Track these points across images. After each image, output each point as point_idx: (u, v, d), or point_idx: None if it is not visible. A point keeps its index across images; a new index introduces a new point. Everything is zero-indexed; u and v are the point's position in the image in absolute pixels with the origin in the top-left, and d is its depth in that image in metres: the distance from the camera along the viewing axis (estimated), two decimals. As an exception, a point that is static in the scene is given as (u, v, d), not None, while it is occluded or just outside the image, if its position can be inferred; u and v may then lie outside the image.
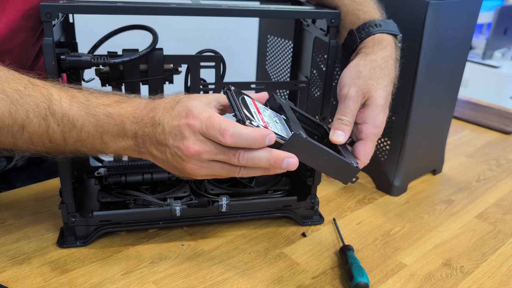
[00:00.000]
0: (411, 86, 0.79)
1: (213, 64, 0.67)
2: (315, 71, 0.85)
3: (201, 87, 0.68)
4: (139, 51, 0.63)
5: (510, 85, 2.82)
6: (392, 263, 0.68)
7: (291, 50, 0.84)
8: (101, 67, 0.65)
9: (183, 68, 0.68)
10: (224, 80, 0.70)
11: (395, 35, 0.65)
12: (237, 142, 0.49)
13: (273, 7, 0.65)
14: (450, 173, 0.99)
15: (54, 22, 0.56)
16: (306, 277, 0.64)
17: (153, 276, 0.63)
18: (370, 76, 0.60)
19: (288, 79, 0.96)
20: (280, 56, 0.99)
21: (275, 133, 0.51)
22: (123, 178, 0.72)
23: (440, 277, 0.66)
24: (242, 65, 1.38)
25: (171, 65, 0.67)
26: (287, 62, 0.97)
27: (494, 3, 3.05)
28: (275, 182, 0.78)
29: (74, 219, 0.65)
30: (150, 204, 0.69)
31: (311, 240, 0.73)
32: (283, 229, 0.75)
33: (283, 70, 1.00)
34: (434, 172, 0.98)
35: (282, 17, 0.67)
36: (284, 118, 0.57)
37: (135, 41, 0.76)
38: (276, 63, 1.01)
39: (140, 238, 0.70)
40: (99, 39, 0.71)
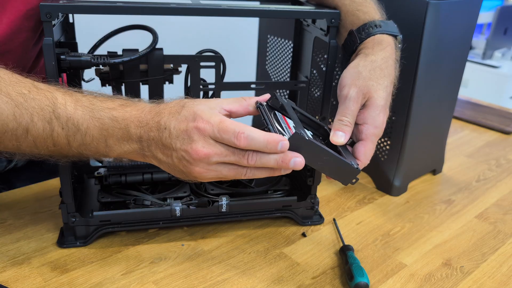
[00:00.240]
0: (411, 86, 0.79)
1: (213, 64, 0.67)
2: (315, 71, 0.86)
3: (201, 87, 0.68)
4: (139, 51, 0.63)
5: (510, 85, 2.82)
6: (392, 263, 0.68)
7: (291, 50, 0.84)
8: (101, 67, 0.65)
9: (183, 68, 0.68)
10: (224, 80, 0.70)
11: (395, 36, 0.65)
12: (250, 144, 0.50)
13: (273, 7, 0.65)
14: (450, 173, 0.99)
15: (54, 22, 0.56)
16: (306, 277, 0.64)
17: (153, 276, 0.63)
18: (370, 77, 0.60)
19: (288, 79, 0.96)
20: (280, 56, 0.99)
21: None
22: (123, 178, 0.72)
23: (440, 277, 0.66)
24: (242, 65, 1.38)
25: (171, 65, 0.67)
26: (287, 62, 0.97)
27: (494, 3, 3.05)
28: (275, 182, 0.78)
29: (74, 219, 0.65)
30: (150, 204, 0.69)
31: (311, 240, 0.73)
32: (283, 229, 0.75)
33: (283, 70, 1.00)
34: (434, 172, 0.98)
35: (282, 17, 0.67)
36: (317, 136, 0.59)
37: (135, 41, 0.76)
38: (276, 63, 1.01)
39: (140, 238, 0.70)
40: (99, 39, 0.71)
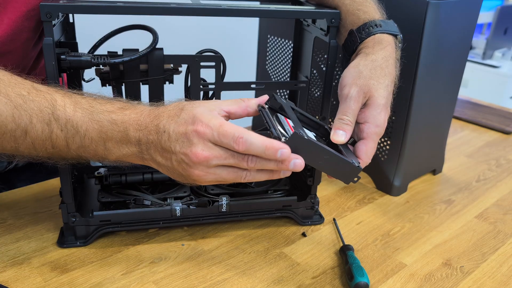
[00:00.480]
0: (411, 86, 0.79)
1: (213, 64, 0.67)
2: (315, 71, 0.86)
3: (201, 87, 0.68)
4: (139, 51, 0.63)
5: (510, 85, 2.83)
6: (392, 263, 0.68)
7: (291, 50, 0.84)
8: (101, 67, 0.65)
9: (183, 68, 0.68)
10: (224, 80, 0.70)
11: (395, 35, 0.65)
12: (249, 149, 0.50)
13: (273, 7, 0.65)
14: (450, 173, 0.99)
15: (54, 22, 0.56)
16: (306, 277, 0.65)
17: (153, 276, 0.63)
18: (370, 76, 0.60)
19: (288, 79, 0.96)
20: (280, 56, 0.99)
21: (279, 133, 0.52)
22: (123, 178, 0.72)
23: (440, 277, 0.66)
24: (242, 65, 1.38)
25: (171, 65, 0.67)
26: (287, 62, 0.97)
27: (494, 3, 3.05)
28: (275, 182, 0.78)
29: (74, 219, 0.65)
30: (150, 204, 0.69)
31: (311, 240, 0.73)
32: (283, 229, 0.75)
33: (283, 70, 1.00)
34: (434, 172, 0.98)
35: (282, 17, 0.67)
36: (318, 136, 0.59)
37: (135, 41, 0.76)
38: (276, 63, 1.01)
39: (140, 238, 0.70)
40: (99, 39, 0.71)
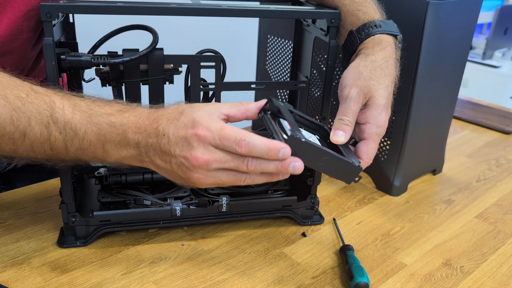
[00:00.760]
0: (411, 86, 0.79)
1: (213, 64, 0.67)
2: (315, 71, 0.85)
3: (201, 87, 0.68)
4: (139, 51, 0.63)
5: (510, 85, 2.83)
6: (392, 263, 0.68)
7: (291, 50, 0.84)
8: (101, 67, 0.65)
9: (183, 68, 0.68)
10: (224, 80, 0.70)
11: (395, 36, 0.64)
12: (251, 151, 0.50)
13: (273, 7, 0.65)
14: (450, 173, 0.99)
15: (54, 22, 0.56)
16: (306, 277, 0.65)
17: (153, 276, 0.63)
18: (371, 77, 0.60)
19: (288, 79, 0.96)
20: (280, 56, 0.99)
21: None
22: (123, 178, 0.72)
23: (440, 277, 0.66)
24: (242, 65, 1.38)
25: (171, 65, 0.67)
26: (287, 62, 0.97)
27: (494, 3, 3.05)
28: (275, 182, 0.78)
29: (74, 219, 0.65)
30: (150, 204, 0.69)
31: (311, 240, 0.73)
32: (283, 229, 0.75)
33: (283, 70, 1.00)
34: (434, 172, 0.98)
35: (282, 17, 0.67)
36: (318, 137, 0.58)
37: (135, 41, 0.76)
38: (276, 63, 1.01)
39: (140, 238, 0.70)
40: (99, 39, 0.71)
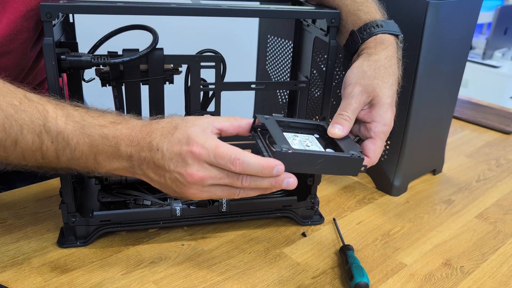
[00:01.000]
0: (411, 86, 0.79)
1: (213, 64, 0.67)
2: (315, 71, 0.85)
3: (201, 87, 0.68)
4: (139, 51, 0.63)
5: (510, 85, 2.83)
6: (392, 263, 0.68)
7: (291, 50, 0.84)
8: (101, 67, 0.65)
9: (183, 68, 0.68)
10: (224, 80, 0.70)
11: (396, 35, 0.65)
12: (246, 170, 0.50)
13: (273, 7, 0.65)
14: (450, 173, 0.99)
15: (54, 22, 0.56)
16: (306, 277, 0.65)
17: (153, 276, 0.63)
18: (375, 76, 0.60)
19: (288, 79, 0.96)
20: (280, 56, 0.99)
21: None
22: (123, 178, 0.72)
23: (440, 277, 0.66)
24: (242, 65, 1.38)
25: (171, 65, 0.67)
26: (287, 62, 0.97)
27: (494, 3, 3.05)
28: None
29: (74, 219, 0.65)
30: (150, 204, 0.69)
31: (311, 240, 0.73)
32: (283, 229, 0.75)
33: (283, 70, 1.00)
34: (434, 172, 0.98)
35: (282, 17, 0.67)
36: (317, 137, 0.58)
37: (135, 41, 0.76)
38: (276, 63, 1.01)
39: (140, 238, 0.70)
40: (99, 39, 0.71)
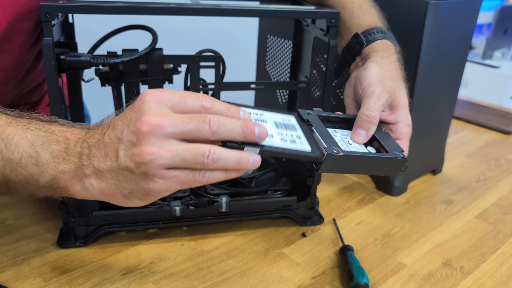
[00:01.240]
0: (411, 86, 0.79)
1: (213, 64, 0.67)
2: (315, 71, 0.85)
3: (200, 87, 0.68)
4: (139, 51, 0.63)
5: (510, 85, 2.82)
6: (392, 263, 0.68)
7: (291, 50, 0.84)
8: (100, 67, 0.65)
9: (183, 68, 0.68)
10: (224, 80, 0.70)
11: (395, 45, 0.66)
12: (214, 104, 0.45)
13: (273, 7, 0.65)
14: (450, 173, 0.99)
15: (53, 22, 0.56)
16: (306, 277, 0.64)
17: (153, 276, 0.63)
18: (392, 78, 0.61)
19: (288, 79, 0.96)
20: (280, 56, 0.99)
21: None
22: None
23: (440, 277, 0.66)
24: (242, 65, 1.38)
25: (171, 65, 0.67)
26: (287, 62, 0.97)
27: (494, 3, 3.04)
28: (275, 182, 0.78)
29: (74, 219, 0.65)
30: (149, 204, 0.69)
31: (311, 240, 0.73)
32: (283, 229, 0.75)
33: (283, 70, 1.00)
34: (434, 172, 0.98)
35: (282, 17, 0.67)
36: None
37: (135, 41, 0.76)
38: (276, 63, 1.01)
39: (140, 238, 0.70)
40: (99, 39, 0.71)
